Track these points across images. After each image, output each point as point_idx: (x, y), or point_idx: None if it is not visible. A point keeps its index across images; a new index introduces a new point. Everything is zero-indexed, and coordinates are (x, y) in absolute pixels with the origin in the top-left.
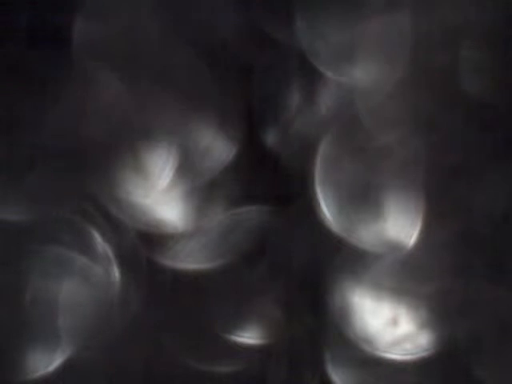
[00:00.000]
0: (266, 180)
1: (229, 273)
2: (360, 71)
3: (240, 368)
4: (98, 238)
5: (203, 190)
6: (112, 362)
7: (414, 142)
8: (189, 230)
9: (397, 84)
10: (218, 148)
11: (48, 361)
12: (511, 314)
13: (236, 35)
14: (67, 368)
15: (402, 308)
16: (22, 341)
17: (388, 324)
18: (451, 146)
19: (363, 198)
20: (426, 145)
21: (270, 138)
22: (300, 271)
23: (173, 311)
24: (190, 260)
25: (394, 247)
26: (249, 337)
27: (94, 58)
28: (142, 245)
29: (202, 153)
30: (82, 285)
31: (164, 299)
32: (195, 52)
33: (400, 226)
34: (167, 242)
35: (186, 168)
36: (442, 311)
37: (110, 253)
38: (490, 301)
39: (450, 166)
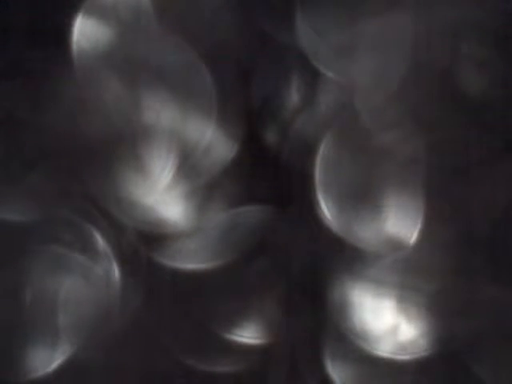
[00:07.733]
0: (266, 180)
1: (229, 272)
2: (360, 71)
3: (240, 368)
4: (98, 238)
5: (203, 189)
6: (112, 362)
7: (414, 141)
8: (189, 230)
9: (397, 84)
10: (218, 148)
11: (48, 361)
12: (511, 313)
13: (236, 35)
14: (67, 368)
15: (401, 308)
16: (22, 340)
17: (388, 324)
18: (451, 145)
19: (363, 197)
20: (425, 145)
21: (270, 138)
22: (300, 271)
23: (173, 311)
24: (190, 260)
25: (394, 247)
26: (249, 337)
27: (93, 58)
28: (142, 245)
29: (202, 153)
30: (82, 284)
31: (164, 299)
32: (195, 52)
33: (400, 225)
34: (167, 242)
35: (186, 168)
36: (442, 311)
37: (110, 253)
38: (489, 301)
39: (450, 166)
